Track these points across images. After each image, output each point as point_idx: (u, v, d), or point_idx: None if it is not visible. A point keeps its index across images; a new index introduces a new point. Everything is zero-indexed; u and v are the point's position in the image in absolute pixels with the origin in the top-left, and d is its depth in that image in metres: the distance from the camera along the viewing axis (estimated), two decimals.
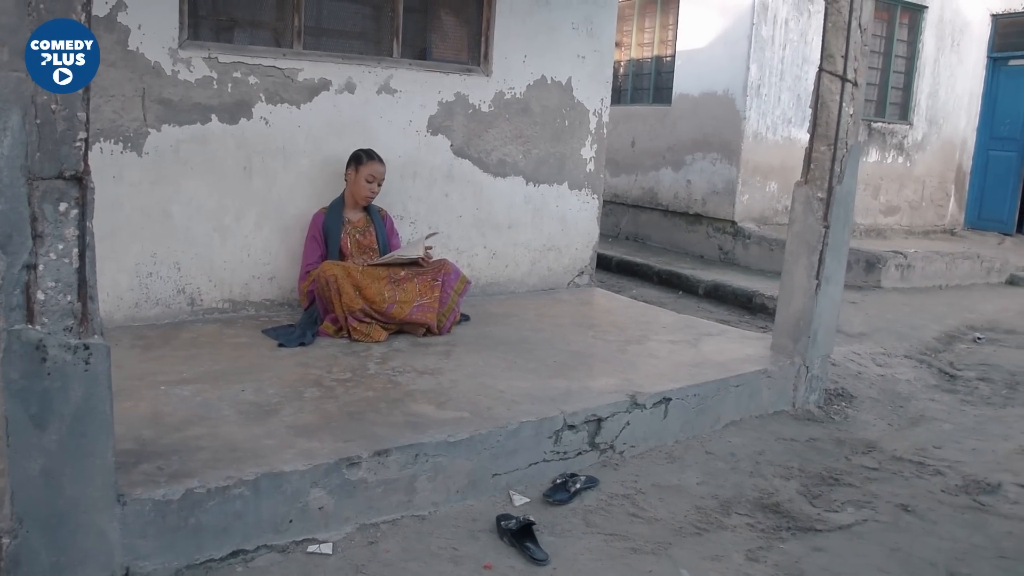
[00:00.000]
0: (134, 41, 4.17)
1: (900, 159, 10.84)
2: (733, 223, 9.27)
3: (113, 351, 2.37)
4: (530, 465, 3.31)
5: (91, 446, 2.27)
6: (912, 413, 4.68)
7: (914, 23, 10.65)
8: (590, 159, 5.95)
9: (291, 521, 2.74)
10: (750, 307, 7.07)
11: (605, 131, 6.01)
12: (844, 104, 4.29)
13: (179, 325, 4.43)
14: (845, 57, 4.25)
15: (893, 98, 10.73)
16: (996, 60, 11.14)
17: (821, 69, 4.33)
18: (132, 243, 4.33)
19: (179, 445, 2.84)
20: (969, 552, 3.06)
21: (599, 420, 3.51)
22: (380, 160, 4.62)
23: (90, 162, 2.21)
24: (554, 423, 3.36)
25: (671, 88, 10.13)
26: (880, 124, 10.53)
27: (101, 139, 4.14)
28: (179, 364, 3.75)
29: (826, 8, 4.31)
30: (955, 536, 3.18)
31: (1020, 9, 10.72)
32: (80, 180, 2.17)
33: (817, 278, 4.36)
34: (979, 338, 6.53)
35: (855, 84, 4.29)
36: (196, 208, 4.49)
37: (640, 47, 10.88)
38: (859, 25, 4.24)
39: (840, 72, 4.26)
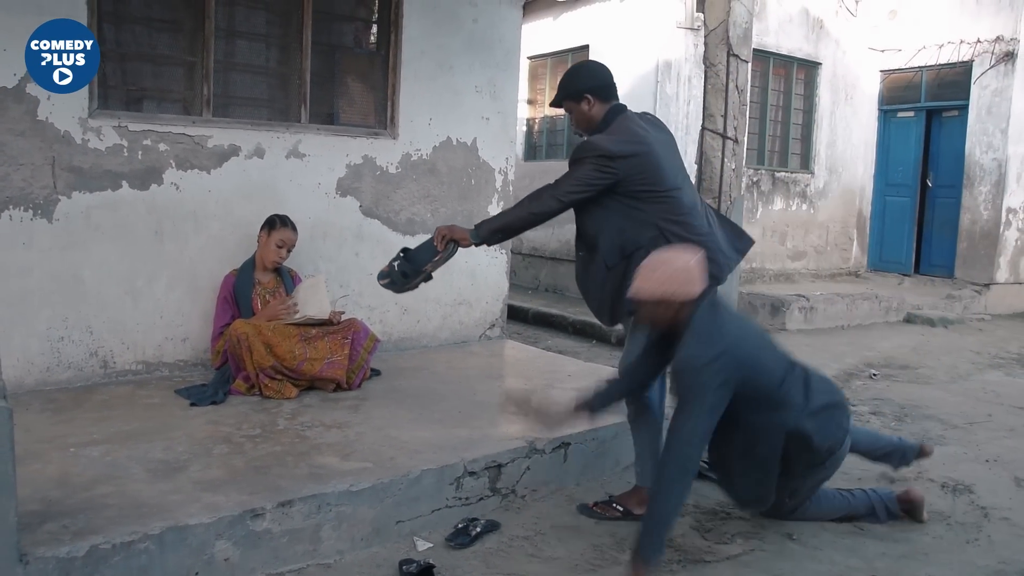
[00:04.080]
0: (44, 111, 4.27)
1: (804, 206, 11.37)
2: None
3: (23, 415, 2.46)
4: (433, 511, 3.44)
5: None
6: None
7: (810, 78, 11.27)
8: None
9: (197, 573, 2.83)
10: None
11: (511, 188, 6.25)
12: (726, 160, 4.61)
13: (92, 388, 4.47)
14: (724, 116, 4.58)
15: (794, 149, 11.29)
16: (886, 112, 11.82)
17: (703, 128, 4.66)
18: (43, 308, 4.38)
19: (85, 504, 2.91)
20: (844, 573, 3.27)
21: (499, 466, 3.67)
22: (293, 228, 4.77)
23: None
24: (455, 470, 3.51)
25: None
26: (783, 173, 11.06)
27: (10, 207, 4.22)
28: (90, 426, 3.80)
29: (706, 72, 4.65)
30: (833, 560, 3.39)
31: (904, 66, 11.42)
32: None
33: None
34: (874, 374, 6.89)
35: (735, 140, 4.62)
36: (108, 272, 4.56)
37: None
38: (736, 87, 4.58)
39: (721, 130, 4.59)
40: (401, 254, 3.74)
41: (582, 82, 3.62)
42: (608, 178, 3.40)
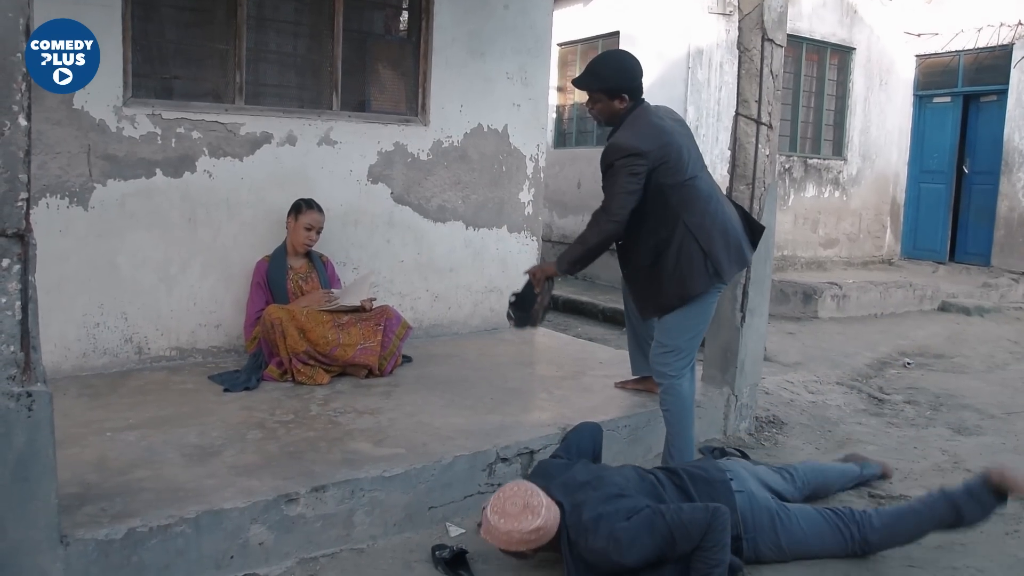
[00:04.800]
0: (79, 100, 4.31)
1: (837, 193, 11.25)
2: None
3: (60, 400, 2.49)
4: (465, 497, 3.45)
5: (34, 490, 2.38)
6: (839, 437, 4.88)
7: (843, 64, 11.12)
8: (528, 203, 6.16)
9: (232, 557, 2.86)
10: None
11: (542, 175, 6.24)
12: (760, 145, 4.54)
13: (127, 373, 4.52)
14: (759, 102, 4.51)
15: (827, 135, 11.16)
16: (921, 98, 11.66)
17: (737, 113, 4.59)
18: (79, 295, 4.44)
19: (123, 487, 2.95)
20: (880, 562, 3.25)
21: (531, 452, 3.67)
22: (319, 209, 4.79)
23: (37, 217, 2.35)
24: (487, 456, 3.52)
25: None
26: (816, 160, 10.93)
27: (47, 195, 4.26)
28: (125, 411, 3.85)
29: (739, 57, 4.58)
30: None
31: (940, 50, 11.24)
32: (22, 238, 2.31)
33: (742, 311, 4.57)
34: (908, 363, 6.81)
35: (769, 126, 4.55)
36: (142, 259, 4.61)
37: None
38: (771, 72, 4.51)
39: (755, 116, 4.52)
40: (512, 299, 3.85)
41: (623, 80, 3.66)
42: (643, 175, 3.54)
